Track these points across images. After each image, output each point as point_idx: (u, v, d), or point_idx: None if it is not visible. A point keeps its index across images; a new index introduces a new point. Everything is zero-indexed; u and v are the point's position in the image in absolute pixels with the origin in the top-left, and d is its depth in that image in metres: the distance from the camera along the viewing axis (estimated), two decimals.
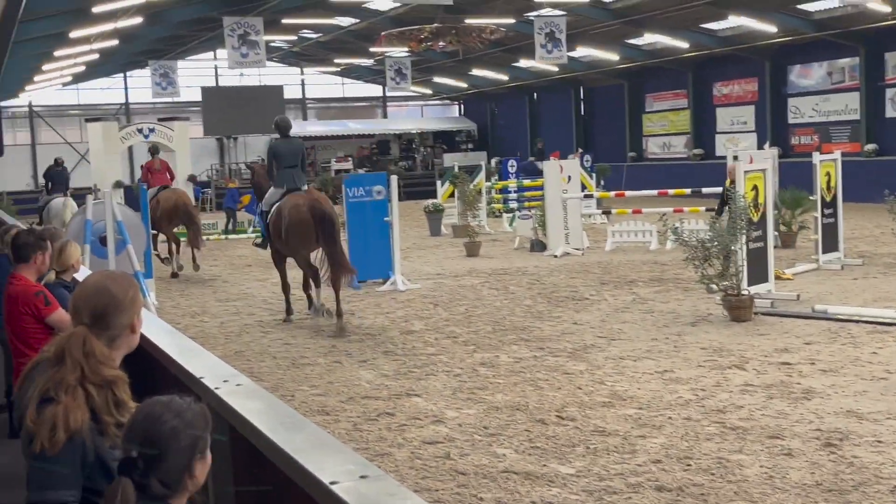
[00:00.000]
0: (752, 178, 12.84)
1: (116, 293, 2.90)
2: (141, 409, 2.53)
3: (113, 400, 2.71)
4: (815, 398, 7.92)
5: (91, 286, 2.93)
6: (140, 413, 2.51)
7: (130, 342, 2.96)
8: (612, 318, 12.00)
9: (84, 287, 2.95)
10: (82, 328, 2.81)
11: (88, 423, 2.64)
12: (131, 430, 2.48)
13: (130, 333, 2.94)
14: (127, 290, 2.93)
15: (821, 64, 31.50)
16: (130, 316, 2.92)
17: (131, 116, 44.66)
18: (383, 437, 7.39)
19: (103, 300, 2.87)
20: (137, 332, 2.97)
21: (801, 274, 14.79)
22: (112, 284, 2.93)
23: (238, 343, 11.53)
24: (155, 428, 2.43)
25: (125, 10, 23.49)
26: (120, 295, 2.90)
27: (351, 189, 16.12)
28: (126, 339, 2.93)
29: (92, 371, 2.72)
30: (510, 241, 21.33)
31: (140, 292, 3.00)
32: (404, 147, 49.77)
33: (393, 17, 32.00)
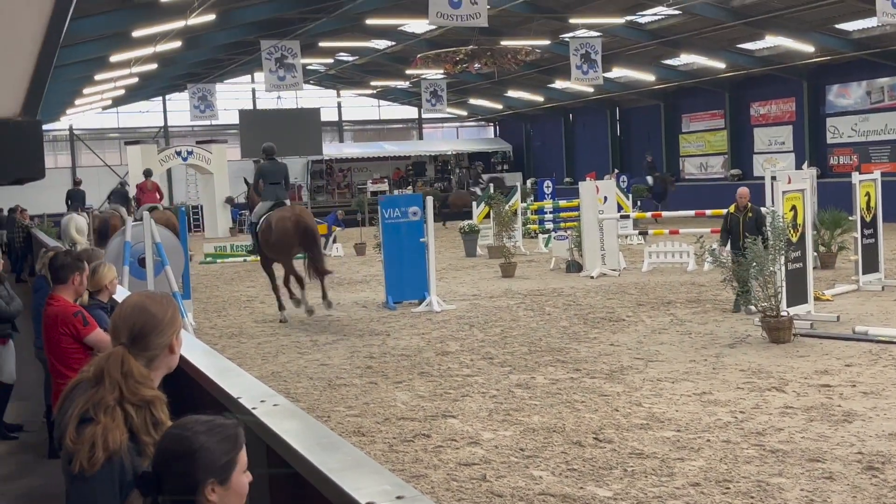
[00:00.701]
0: (791, 198, 12.73)
1: (155, 313, 2.90)
2: (173, 427, 2.52)
3: (151, 420, 2.71)
4: (857, 421, 7.80)
5: (130, 306, 2.94)
6: (172, 431, 2.50)
7: (169, 362, 2.95)
8: (649, 340, 11.91)
9: (123, 307, 2.97)
10: (120, 348, 2.82)
11: (127, 443, 2.65)
12: (164, 450, 2.47)
13: (169, 353, 2.92)
14: (166, 310, 2.93)
15: (859, 83, 31.22)
16: (169, 336, 2.91)
17: (170, 139, 45.18)
18: (419, 459, 7.37)
19: (141, 320, 2.88)
20: (176, 352, 2.96)
21: (841, 295, 14.61)
22: (151, 304, 2.93)
23: (275, 364, 11.57)
24: (187, 446, 2.41)
25: (164, 34, 23.80)
26: (158, 315, 2.90)
27: (387, 210, 16.18)
28: (165, 359, 2.92)
29: (130, 391, 2.73)
30: (546, 262, 21.27)
31: (179, 313, 3.00)
32: (440, 168, 49.92)
33: (428, 40, 32.17)
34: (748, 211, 13.49)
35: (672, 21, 29.68)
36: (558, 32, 30.99)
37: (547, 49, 31.75)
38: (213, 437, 2.45)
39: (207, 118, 36.93)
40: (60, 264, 5.86)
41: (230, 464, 2.45)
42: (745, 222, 13.36)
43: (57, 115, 40.88)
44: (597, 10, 28.31)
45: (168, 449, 2.44)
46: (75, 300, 5.88)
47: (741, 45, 32.31)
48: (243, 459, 2.49)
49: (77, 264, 5.88)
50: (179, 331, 2.97)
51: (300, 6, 26.40)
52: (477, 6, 17.69)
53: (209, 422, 2.48)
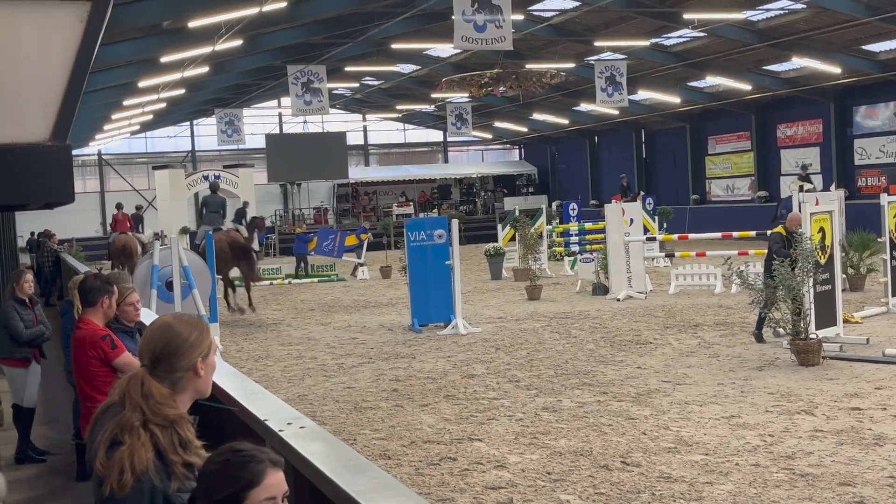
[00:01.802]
0: (819, 220, 12.64)
1: (176, 336, 2.87)
2: (216, 456, 2.47)
3: (178, 440, 2.70)
4: (888, 444, 7.71)
5: (155, 328, 2.95)
6: (216, 460, 2.45)
7: (198, 386, 2.90)
8: (676, 363, 11.84)
9: (149, 329, 2.98)
10: (141, 370, 2.84)
11: (155, 464, 2.65)
12: (211, 478, 2.42)
13: (195, 377, 2.87)
14: (190, 332, 2.89)
15: (887, 105, 31.04)
16: (191, 359, 2.86)
17: (198, 164, 45.52)
18: (445, 482, 7.35)
19: (162, 342, 2.87)
20: (203, 376, 2.90)
21: (871, 317, 14.47)
22: (176, 325, 2.91)
23: (301, 387, 11.59)
24: (235, 475, 2.38)
25: (192, 59, 24.05)
26: (182, 336, 2.87)
27: (412, 233, 16.22)
28: (190, 382, 2.87)
29: (152, 412, 2.72)
30: (572, 285, 21.21)
31: (208, 336, 2.95)
32: (465, 191, 50.00)
33: (454, 64, 32.32)
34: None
35: (697, 43, 29.68)
36: (583, 55, 31.05)
37: (572, 72, 31.82)
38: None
39: (234, 142, 37.23)
40: (90, 287, 5.90)
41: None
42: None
43: (86, 141, 41.33)
44: (621, 32, 28.36)
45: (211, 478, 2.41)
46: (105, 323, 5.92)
47: (767, 67, 32.24)
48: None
49: (106, 287, 5.92)
50: (208, 354, 2.91)
51: (326, 31, 26.62)
52: (502, 30, 17.75)
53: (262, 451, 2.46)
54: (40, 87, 3.81)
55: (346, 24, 25.94)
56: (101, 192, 45.72)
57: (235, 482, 2.37)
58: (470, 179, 50.13)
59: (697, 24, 26.02)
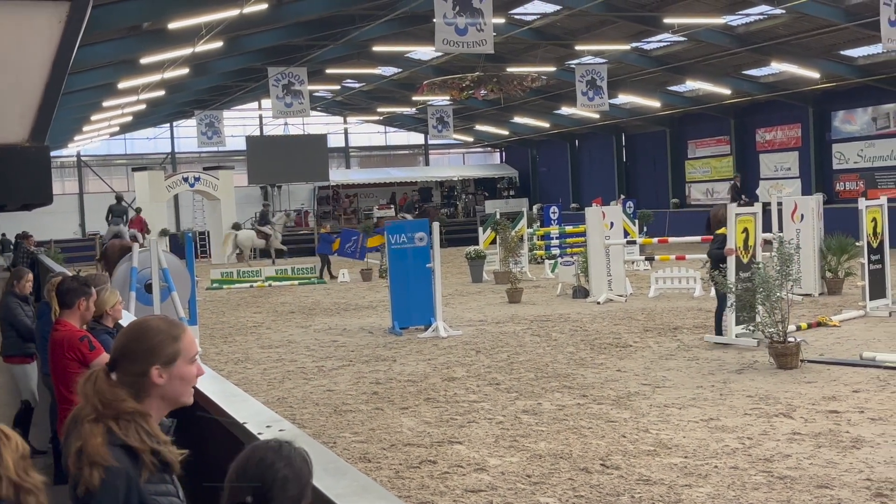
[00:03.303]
0: (743, 220, 13.05)
1: (135, 339, 2.79)
2: (251, 454, 2.42)
3: (140, 429, 2.65)
4: (865, 447, 7.76)
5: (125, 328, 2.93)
6: (251, 459, 2.41)
7: (163, 393, 2.76)
8: (656, 366, 11.88)
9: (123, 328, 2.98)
10: (99, 368, 2.81)
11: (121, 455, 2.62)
12: (243, 478, 2.38)
13: (153, 383, 2.74)
14: (151, 338, 2.78)
15: (865, 109, 31.28)
16: (143, 365, 2.74)
17: (177, 166, 45.37)
18: (425, 485, 7.34)
19: (122, 343, 2.82)
20: (165, 383, 2.76)
21: (849, 321, 14.57)
22: (142, 329, 2.82)
23: (280, 390, 11.56)
24: (268, 476, 2.35)
25: (172, 61, 23.96)
26: (139, 341, 2.78)
27: (393, 236, 16.21)
28: (151, 387, 2.74)
29: (103, 405, 2.67)
30: (552, 288, 21.25)
31: (173, 343, 2.80)
32: (446, 194, 50.03)
33: (435, 67, 32.35)
34: None
35: (677, 48, 29.82)
36: (564, 59, 31.15)
37: (553, 75, 31.90)
38: (304, 464, 2.42)
39: (215, 144, 37.12)
40: (67, 289, 5.88)
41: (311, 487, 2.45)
42: None
43: (65, 142, 41.11)
44: (602, 36, 28.46)
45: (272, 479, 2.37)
46: (82, 325, 5.89)
47: (746, 72, 32.43)
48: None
49: (84, 289, 5.90)
50: (172, 361, 2.77)
51: (307, 33, 26.58)
52: (483, 33, 17.78)
53: (291, 448, 2.43)
54: (18, 88, 3.79)
55: (328, 26, 25.92)
56: (79, 194, 45.48)
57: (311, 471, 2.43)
58: (451, 182, 50.18)
59: (678, 29, 26.15)
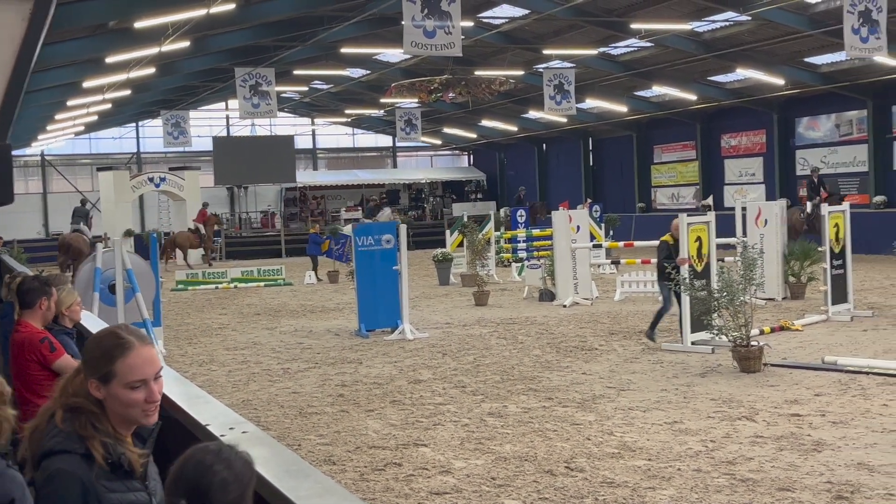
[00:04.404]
0: (696, 229, 13.21)
1: (85, 347, 2.81)
2: (190, 457, 2.40)
3: (89, 422, 2.66)
4: (826, 450, 7.85)
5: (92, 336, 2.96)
6: (189, 461, 2.39)
7: (113, 408, 2.71)
8: (621, 369, 11.95)
9: None
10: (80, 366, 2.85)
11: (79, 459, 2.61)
12: (179, 479, 2.36)
13: (94, 390, 2.71)
14: (88, 349, 2.78)
15: (828, 116, 31.64)
16: (87, 374, 2.73)
17: (143, 166, 45.02)
18: (390, 488, 7.34)
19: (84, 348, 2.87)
20: (104, 398, 2.71)
21: (811, 325, 14.73)
22: (90, 338, 2.84)
23: (245, 392, 11.50)
24: (205, 478, 2.33)
25: (138, 60, 23.77)
26: (85, 349, 2.79)
27: (360, 238, 16.18)
28: (106, 401, 2.72)
29: (63, 397, 2.73)
30: (519, 291, 21.31)
31: (109, 362, 2.73)
32: (414, 196, 50.02)
33: (403, 69, 32.34)
34: None
35: (644, 53, 30.02)
36: (532, 63, 31.24)
37: (521, 79, 31.98)
38: (245, 467, 2.40)
39: (181, 145, 36.84)
40: (27, 289, 5.82)
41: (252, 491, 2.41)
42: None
43: (28, 141, 40.64)
44: (570, 41, 28.58)
45: (209, 483, 2.34)
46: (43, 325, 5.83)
47: (712, 78, 32.69)
48: None
49: (45, 289, 5.84)
50: (109, 379, 2.71)
51: (275, 34, 26.47)
52: (451, 36, 17.79)
53: (232, 451, 2.41)
54: None
55: (296, 27, 25.84)
56: (43, 194, 45.00)
57: (253, 474, 2.41)
58: (419, 185, 50.17)
59: (644, 35, 26.31)
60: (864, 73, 28.19)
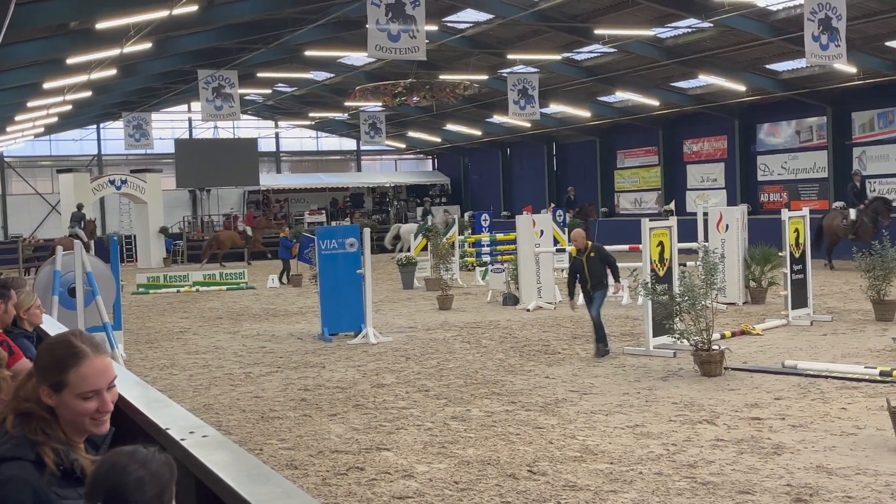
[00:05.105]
0: (658, 234, 13.31)
1: (38, 352, 2.80)
2: (104, 459, 2.41)
3: (39, 427, 2.66)
4: (786, 453, 7.92)
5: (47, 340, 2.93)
6: (104, 464, 2.39)
7: (63, 416, 2.68)
8: (583, 373, 11.99)
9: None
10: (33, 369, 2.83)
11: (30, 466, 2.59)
12: (95, 482, 2.35)
13: (45, 397, 2.68)
14: (41, 356, 2.76)
15: (789, 123, 31.99)
16: (38, 380, 2.70)
17: (104, 168, 44.57)
18: (352, 492, 7.31)
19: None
20: (54, 405, 2.67)
21: (771, 329, 14.87)
22: (43, 344, 2.84)
23: (207, 396, 11.41)
24: (120, 479, 2.31)
25: (99, 61, 23.54)
26: (38, 355, 2.79)
27: (324, 241, 16.12)
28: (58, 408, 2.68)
29: (15, 401, 2.73)
30: (483, 295, 21.33)
31: (60, 371, 2.69)
32: (378, 200, 49.93)
33: (367, 72, 32.29)
34: (589, 251, 13.19)
35: (607, 59, 30.19)
36: (496, 68, 31.33)
37: (485, 84, 32.05)
38: (163, 466, 2.37)
39: (142, 147, 36.53)
40: None
41: (174, 490, 2.39)
42: (589, 264, 13.13)
43: None
44: (534, 46, 28.69)
45: (124, 482, 2.31)
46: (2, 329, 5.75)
47: (675, 84, 32.95)
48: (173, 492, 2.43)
49: (3, 291, 5.75)
50: (61, 388, 2.67)
51: (238, 36, 26.33)
52: (416, 40, 17.79)
53: (149, 452, 2.38)
54: None
55: (259, 29, 25.71)
56: (2, 195, 44.43)
57: (173, 473, 2.38)
58: (383, 188, 50.11)
59: (608, 40, 26.47)
60: (823, 80, 28.55)
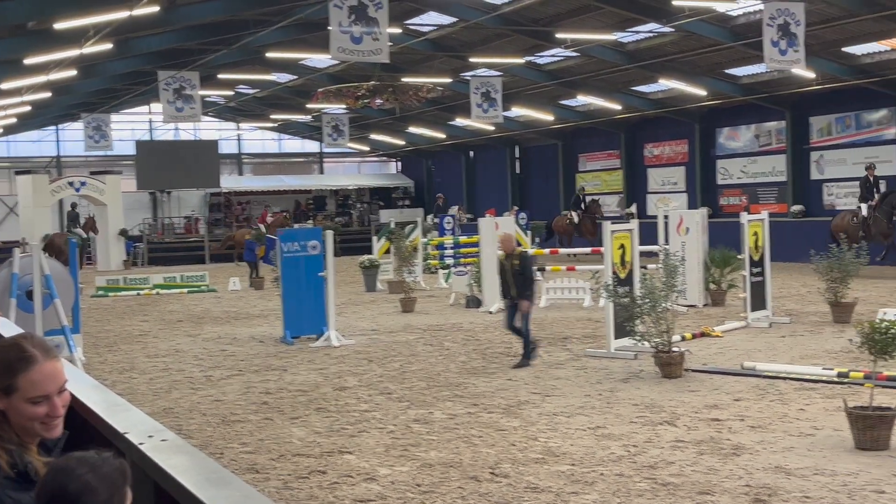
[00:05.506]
0: (619, 237, 13.42)
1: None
2: (55, 463, 2.39)
3: None
4: (745, 454, 8.00)
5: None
6: (53, 468, 2.36)
7: (13, 420, 2.64)
8: (546, 375, 12.04)
9: None
10: None
11: None
12: (44, 485, 2.32)
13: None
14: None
15: (748, 127, 32.33)
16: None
17: (63, 170, 44.06)
18: (314, 496, 7.28)
19: None
20: (2, 408, 2.63)
21: (731, 331, 15.01)
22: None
23: (167, 400, 11.32)
24: (69, 483, 2.27)
25: (59, 62, 23.29)
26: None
27: (286, 244, 16.05)
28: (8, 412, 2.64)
29: None
30: (445, 298, 21.34)
31: (10, 375, 2.64)
32: (341, 203, 49.79)
33: (330, 74, 32.20)
34: (514, 258, 12.77)
35: (570, 63, 30.34)
36: (459, 71, 31.37)
37: (448, 87, 32.08)
38: (115, 470, 2.33)
39: (102, 148, 36.13)
40: None
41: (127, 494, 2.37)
42: (513, 271, 12.67)
43: None
44: (497, 50, 28.77)
45: (49, 491, 2.32)
46: None
47: (636, 88, 33.17)
48: (129, 497, 2.40)
49: None
50: (11, 392, 2.63)
51: (200, 37, 26.16)
52: (378, 42, 17.77)
53: (101, 456, 2.35)
54: None
55: (221, 30, 25.56)
56: None
57: (125, 478, 2.34)
58: (346, 191, 49.96)
59: (570, 44, 26.60)
60: (783, 84, 28.88)
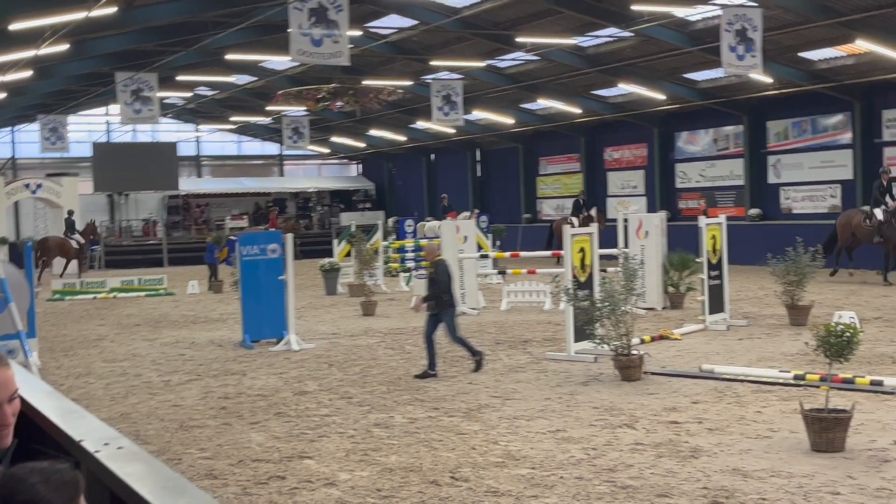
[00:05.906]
0: (579, 241, 13.51)
1: None
2: (5, 473, 2.33)
3: None
4: (703, 456, 8.06)
5: None
6: (3, 477, 2.31)
7: None
8: (506, 378, 12.06)
9: None
10: None
11: None
12: None
13: None
14: None
15: (707, 131, 32.63)
16: None
17: (18, 172, 43.47)
18: (273, 501, 7.24)
19: None
20: None
21: (689, 334, 15.13)
22: None
23: (124, 405, 11.20)
24: (18, 492, 2.23)
25: (14, 63, 22.97)
26: None
27: (245, 247, 15.95)
28: None
29: None
30: (407, 301, 21.31)
31: None
32: (301, 205, 49.58)
33: (290, 77, 32.05)
34: (431, 267, 12.79)
35: (530, 66, 30.46)
36: (420, 74, 31.36)
37: (409, 90, 32.08)
38: (68, 481, 2.29)
39: (59, 150, 35.67)
40: None
41: None
42: (429, 276, 12.77)
43: None
44: (457, 53, 28.81)
45: (20, 496, 2.25)
46: None
47: (596, 92, 33.37)
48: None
49: None
50: None
51: (158, 39, 25.91)
52: (339, 45, 17.71)
53: (54, 466, 2.33)
54: None
55: (180, 32, 25.34)
56: None
57: (77, 489, 2.28)
58: (306, 193, 49.76)
59: (530, 48, 26.70)
60: (740, 89, 29.19)
